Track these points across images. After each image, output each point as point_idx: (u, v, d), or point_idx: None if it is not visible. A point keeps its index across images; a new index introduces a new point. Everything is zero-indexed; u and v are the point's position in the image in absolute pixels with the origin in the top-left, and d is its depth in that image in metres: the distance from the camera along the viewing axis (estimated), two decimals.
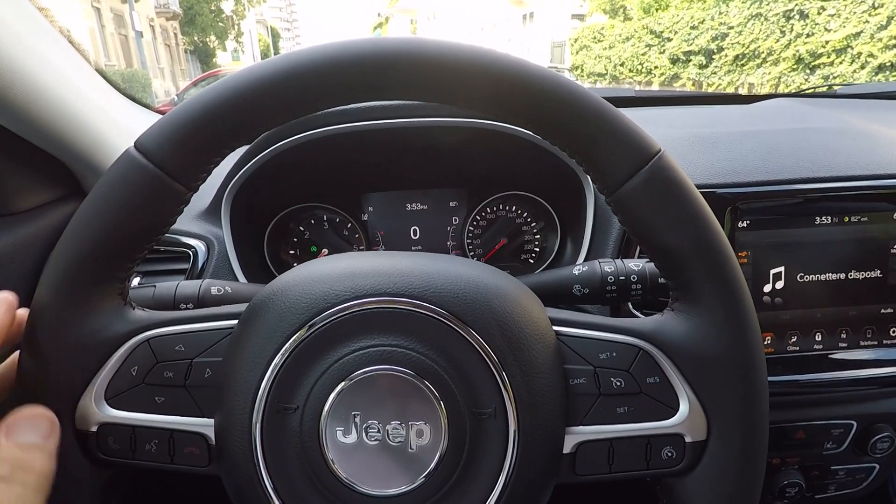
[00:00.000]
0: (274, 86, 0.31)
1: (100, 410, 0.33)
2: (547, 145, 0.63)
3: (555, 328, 0.35)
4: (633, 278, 0.47)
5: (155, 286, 0.47)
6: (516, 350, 0.33)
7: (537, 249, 0.80)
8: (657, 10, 13.72)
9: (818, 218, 0.60)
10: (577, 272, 0.49)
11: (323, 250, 0.79)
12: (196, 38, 30.78)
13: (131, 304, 0.36)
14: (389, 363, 0.31)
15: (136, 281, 0.62)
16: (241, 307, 0.36)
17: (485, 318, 0.33)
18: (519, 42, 22.82)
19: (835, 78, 7.98)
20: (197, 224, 0.66)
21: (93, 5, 18.12)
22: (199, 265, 0.64)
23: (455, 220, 0.81)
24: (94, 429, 0.33)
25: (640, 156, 0.32)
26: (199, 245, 0.65)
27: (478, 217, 0.80)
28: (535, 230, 0.80)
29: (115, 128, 0.66)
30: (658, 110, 0.95)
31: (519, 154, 0.69)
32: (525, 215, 0.80)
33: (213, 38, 32.34)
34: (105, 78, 0.72)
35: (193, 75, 28.04)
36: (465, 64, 0.31)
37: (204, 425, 0.33)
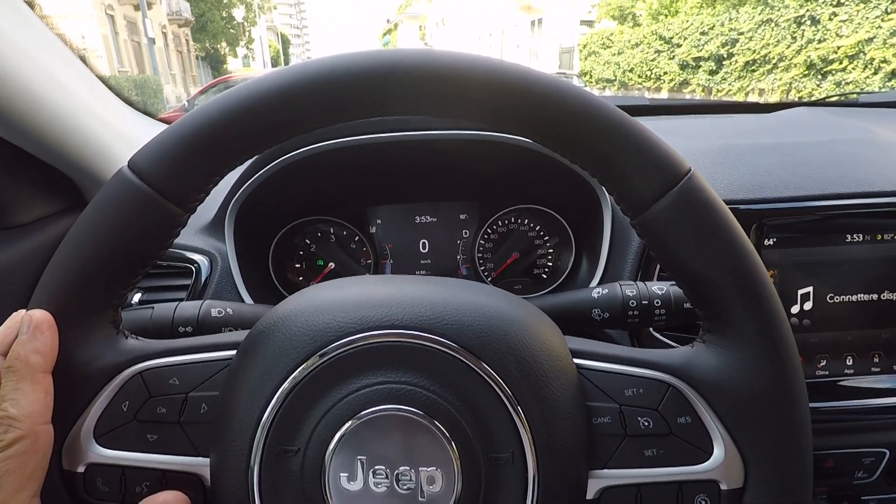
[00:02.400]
0: (274, 103, 0.29)
1: (88, 450, 0.31)
2: (562, 158, 0.61)
3: (576, 361, 0.33)
4: (657, 303, 0.44)
5: (153, 308, 0.46)
6: (535, 386, 0.30)
7: (550, 265, 0.78)
8: (666, 16, 13.67)
9: (849, 235, 0.56)
10: (596, 295, 0.46)
11: (329, 264, 0.77)
12: (207, 45, 31.17)
13: (124, 333, 0.34)
14: (397, 402, 0.29)
15: (136, 297, 0.61)
16: (240, 336, 0.34)
17: (500, 351, 0.30)
18: (527, 48, 22.86)
19: (847, 84, 7.89)
20: (200, 238, 0.64)
21: (106, 13, 18.42)
22: (202, 281, 0.62)
23: (465, 233, 0.79)
24: (82, 469, 0.31)
25: (669, 176, 0.30)
26: (202, 260, 0.63)
27: (489, 230, 0.78)
28: (548, 245, 0.78)
29: (118, 138, 0.65)
30: (674, 120, 0.92)
31: (532, 166, 0.67)
32: (538, 229, 0.78)
33: (224, 44, 32.74)
34: (108, 86, 0.70)
35: (204, 81, 28.40)
36: (477, 77, 0.29)
37: (199, 465, 0.31)
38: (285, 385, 0.29)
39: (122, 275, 0.31)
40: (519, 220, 0.78)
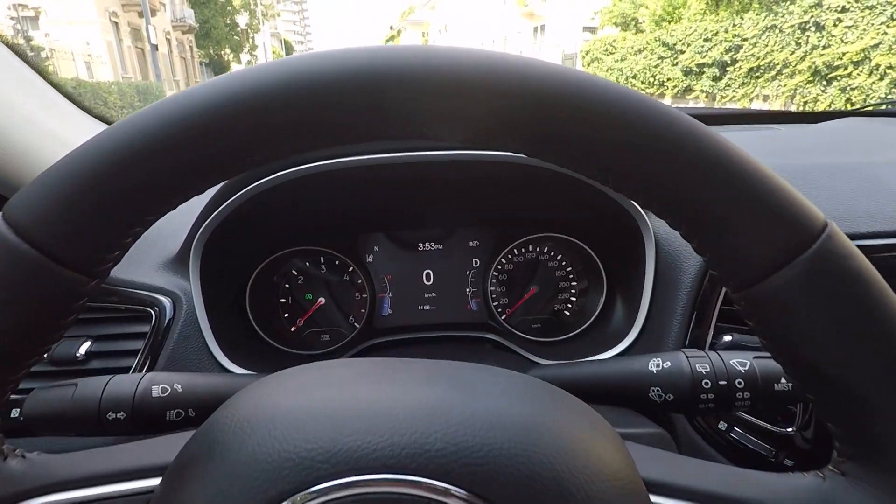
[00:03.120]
0: (217, 123, 0.19)
1: None
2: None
3: (655, 501, 0.22)
4: (739, 383, 0.33)
5: (76, 384, 0.35)
6: None
7: (574, 300, 0.67)
8: (669, 22, 13.61)
9: None
10: (654, 369, 0.35)
11: (319, 300, 0.67)
12: (211, 51, 31.31)
13: (2, 452, 0.23)
14: None
15: (83, 348, 0.50)
16: (168, 452, 0.24)
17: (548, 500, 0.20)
18: (530, 54, 22.84)
19: (852, 90, 7.84)
20: (162, 275, 0.54)
21: (111, 19, 18.50)
22: (163, 327, 0.52)
23: (476, 262, 0.69)
24: None
25: (799, 235, 0.20)
26: (164, 302, 0.52)
27: (503, 260, 0.68)
28: (572, 279, 0.67)
29: (62, 149, 0.55)
30: None
31: (555, 189, 0.57)
32: (560, 259, 0.67)
33: (227, 50, 32.88)
34: (64, 93, 0.60)
35: None
36: (531, 92, 0.19)
37: None
38: None
39: None
40: (538, 249, 0.68)
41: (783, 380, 0.33)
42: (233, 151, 0.20)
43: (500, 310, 0.68)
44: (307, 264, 0.66)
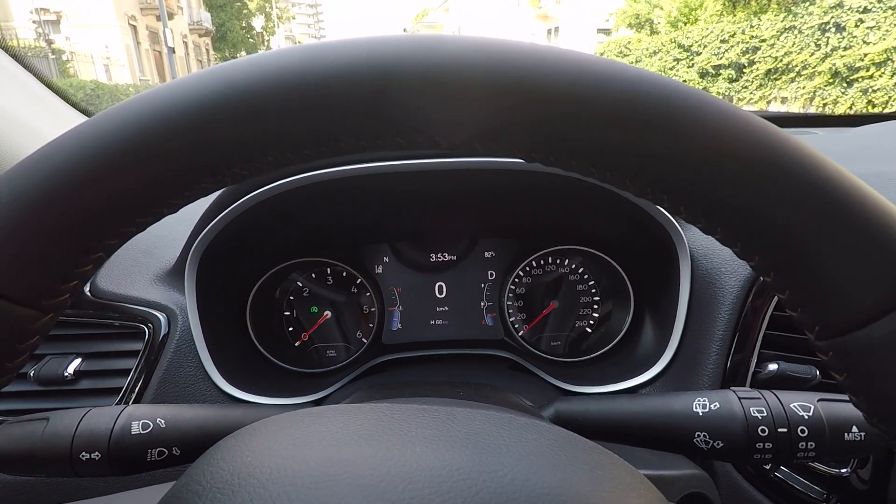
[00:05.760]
0: (176, 137, 0.16)
1: None
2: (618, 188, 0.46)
3: None
4: (802, 431, 0.29)
5: (48, 418, 0.31)
6: None
7: (596, 315, 0.63)
8: (685, 24, 13.45)
9: None
10: (700, 411, 0.31)
11: (325, 313, 0.63)
12: (227, 54, 31.74)
13: None
14: None
15: (72, 366, 0.47)
16: None
17: None
18: None
19: (874, 92, 7.68)
20: (157, 288, 0.51)
21: (129, 23, 18.84)
22: (157, 344, 0.49)
23: (492, 274, 0.65)
24: None
25: None
26: (159, 317, 0.49)
27: (521, 273, 0.63)
28: (594, 294, 0.63)
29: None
30: None
31: (576, 198, 0.53)
32: (582, 273, 0.63)
33: (243, 53, 33.31)
34: (55, 90, 0.57)
35: None
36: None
37: None
38: None
39: None
40: (559, 262, 0.63)
41: (855, 428, 0.28)
42: (204, 167, 0.16)
43: (516, 326, 0.64)
44: (312, 276, 0.63)
